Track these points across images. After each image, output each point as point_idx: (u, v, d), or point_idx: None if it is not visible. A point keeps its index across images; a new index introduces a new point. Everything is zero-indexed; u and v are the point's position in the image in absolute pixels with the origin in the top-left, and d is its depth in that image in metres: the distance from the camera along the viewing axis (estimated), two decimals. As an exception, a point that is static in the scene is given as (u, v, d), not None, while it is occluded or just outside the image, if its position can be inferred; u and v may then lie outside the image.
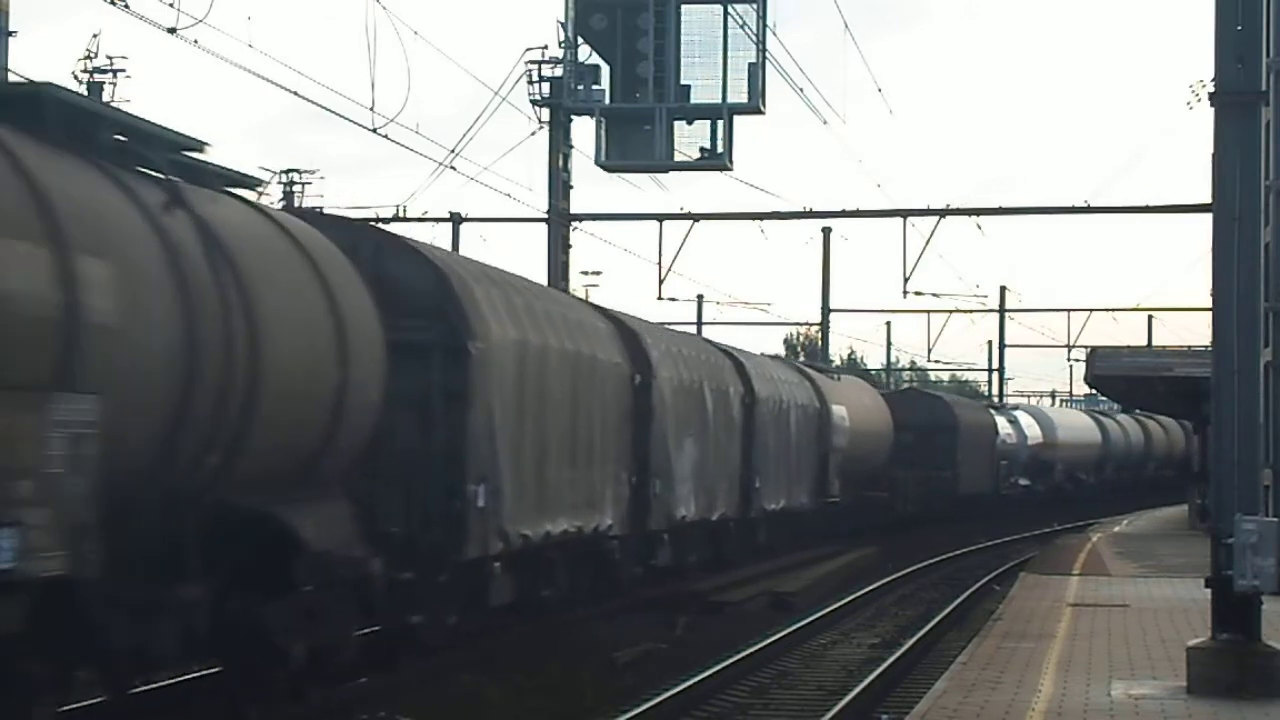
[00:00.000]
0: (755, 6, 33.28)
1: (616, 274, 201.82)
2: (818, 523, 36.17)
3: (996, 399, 75.98)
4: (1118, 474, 68.46)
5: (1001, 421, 55.72)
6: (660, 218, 38.67)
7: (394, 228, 39.46)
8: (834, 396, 37.84)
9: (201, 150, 12.99)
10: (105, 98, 44.46)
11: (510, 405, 18.06)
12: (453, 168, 33.18)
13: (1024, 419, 59.18)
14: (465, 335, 16.98)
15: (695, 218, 38.63)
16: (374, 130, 27.56)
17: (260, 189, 14.94)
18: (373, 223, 39.65)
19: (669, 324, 38.11)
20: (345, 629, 14.04)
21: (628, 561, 23.57)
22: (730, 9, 33.29)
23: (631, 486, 23.40)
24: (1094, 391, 63.43)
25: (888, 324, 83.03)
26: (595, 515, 21.40)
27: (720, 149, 33.55)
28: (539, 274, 34.33)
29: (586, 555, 21.70)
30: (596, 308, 25.48)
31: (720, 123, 33.61)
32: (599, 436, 21.61)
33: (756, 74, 33.36)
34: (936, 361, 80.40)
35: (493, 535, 17.61)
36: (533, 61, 35.17)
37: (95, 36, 44.81)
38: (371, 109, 27.50)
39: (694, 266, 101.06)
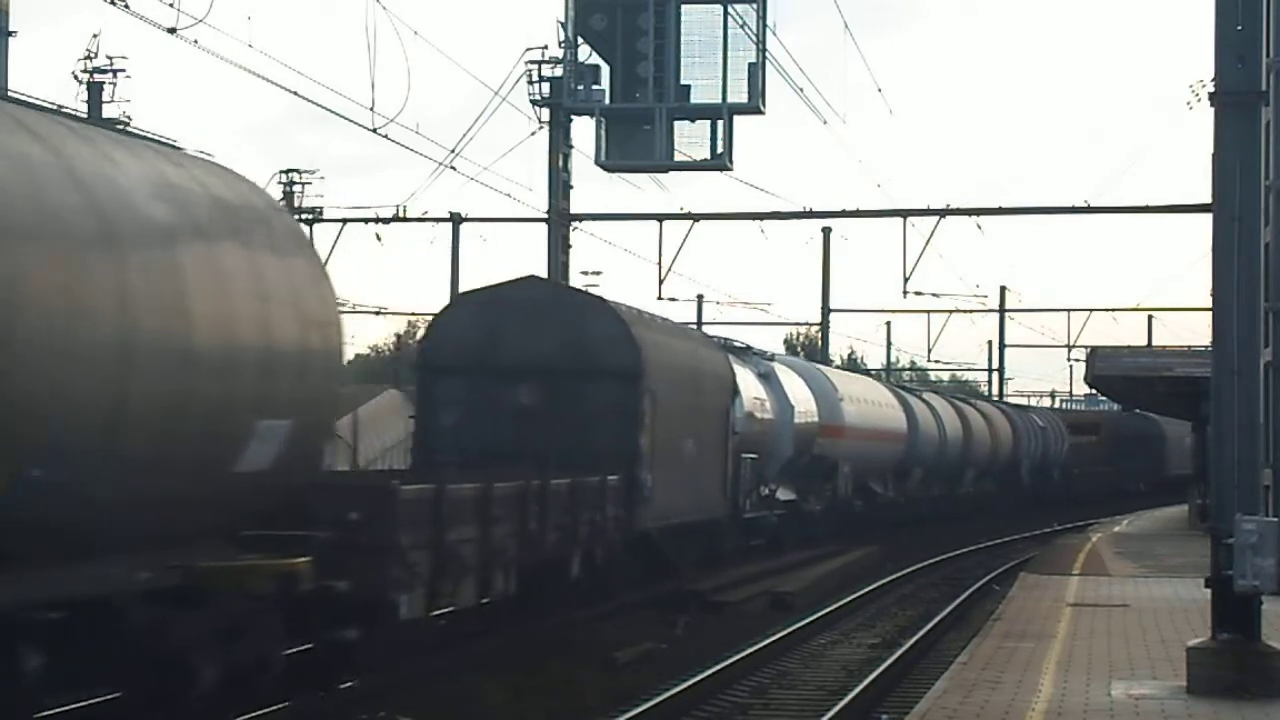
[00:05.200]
0: (755, 6, 33.28)
1: (616, 274, 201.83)
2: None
3: (997, 399, 75.87)
4: (925, 487, 47.97)
5: (748, 379, 31.47)
6: (660, 218, 38.71)
7: (394, 228, 39.72)
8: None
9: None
10: (105, 98, 44.55)
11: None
12: (453, 168, 33.27)
13: (789, 379, 34.83)
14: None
15: (695, 218, 38.67)
16: (374, 130, 27.65)
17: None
18: (373, 223, 39.78)
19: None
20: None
21: None
22: (730, 9, 33.29)
23: None
24: (1094, 391, 63.32)
25: (888, 324, 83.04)
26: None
27: (720, 149, 33.55)
28: (538, 274, 34.28)
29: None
30: None
31: (720, 123, 33.61)
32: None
33: (756, 74, 33.36)
34: (936, 361, 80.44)
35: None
36: (533, 61, 35.25)
37: (95, 36, 44.86)
38: (371, 109, 27.59)
39: (694, 266, 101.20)
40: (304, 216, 50.95)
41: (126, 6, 22.86)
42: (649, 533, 23.79)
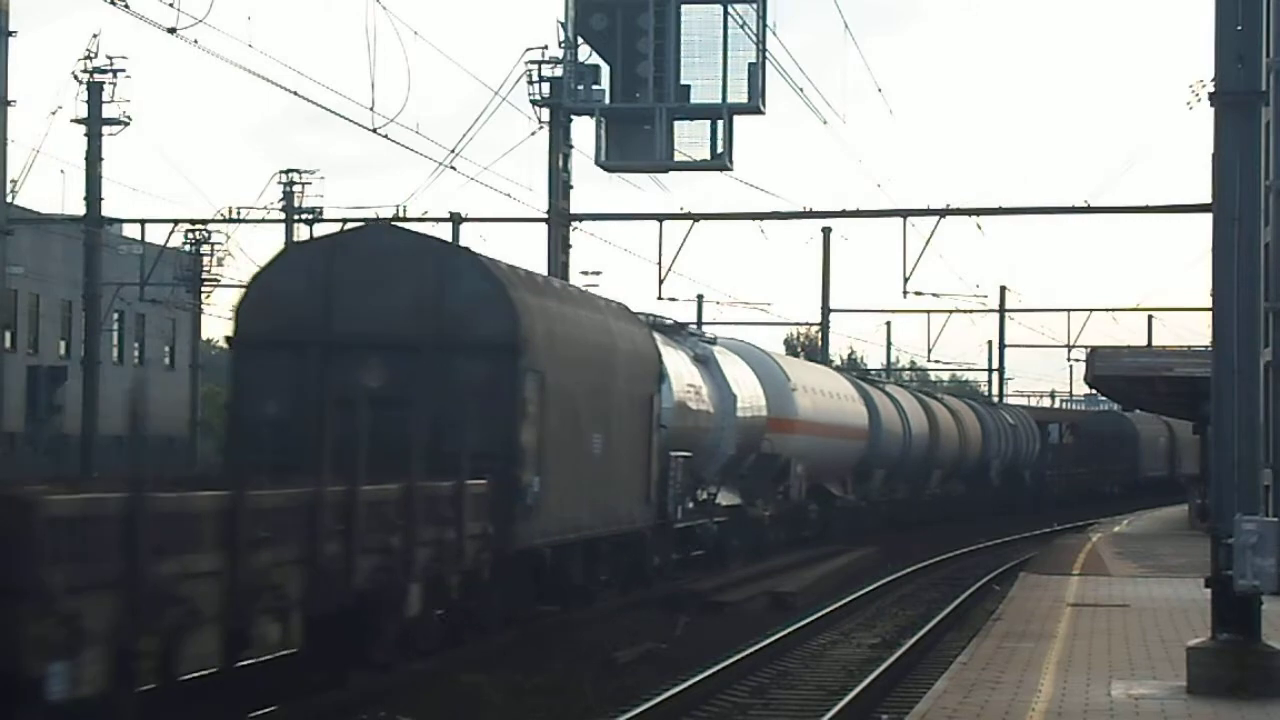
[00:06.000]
0: (755, 6, 33.27)
1: (616, 274, 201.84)
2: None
3: (996, 398, 75.85)
4: (888, 489, 44.60)
5: (679, 363, 27.78)
6: (660, 218, 38.70)
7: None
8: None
9: None
10: (105, 97, 44.59)
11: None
12: (453, 168, 33.25)
13: (731, 365, 31.14)
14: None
15: (695, 218, 38.66)
16: (374, 130, 27.62)
17: None
18: (374, 223, 39.79)
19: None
20: None
21: None
22: (730, 9, 33.28)
23: None
24: (1094, 391, 63.26)
25: (888, 324, 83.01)
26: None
27: (720, 149, 33.55)
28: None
29: None
30: None
31: (720, 123, 33.61)
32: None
33: (756, 74, 33.35)
34: (936, 361, 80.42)
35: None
36: (533, 61, 35.28)
37: (95, 36, 44.90)
38: (371, 109, 27.57)
39: (694, 266, 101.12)
40: (304, 217, 51.02)
41: (126, 6, 22.88)
42: (537, 551, 19.35)
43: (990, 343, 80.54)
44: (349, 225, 36.32)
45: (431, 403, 17.46)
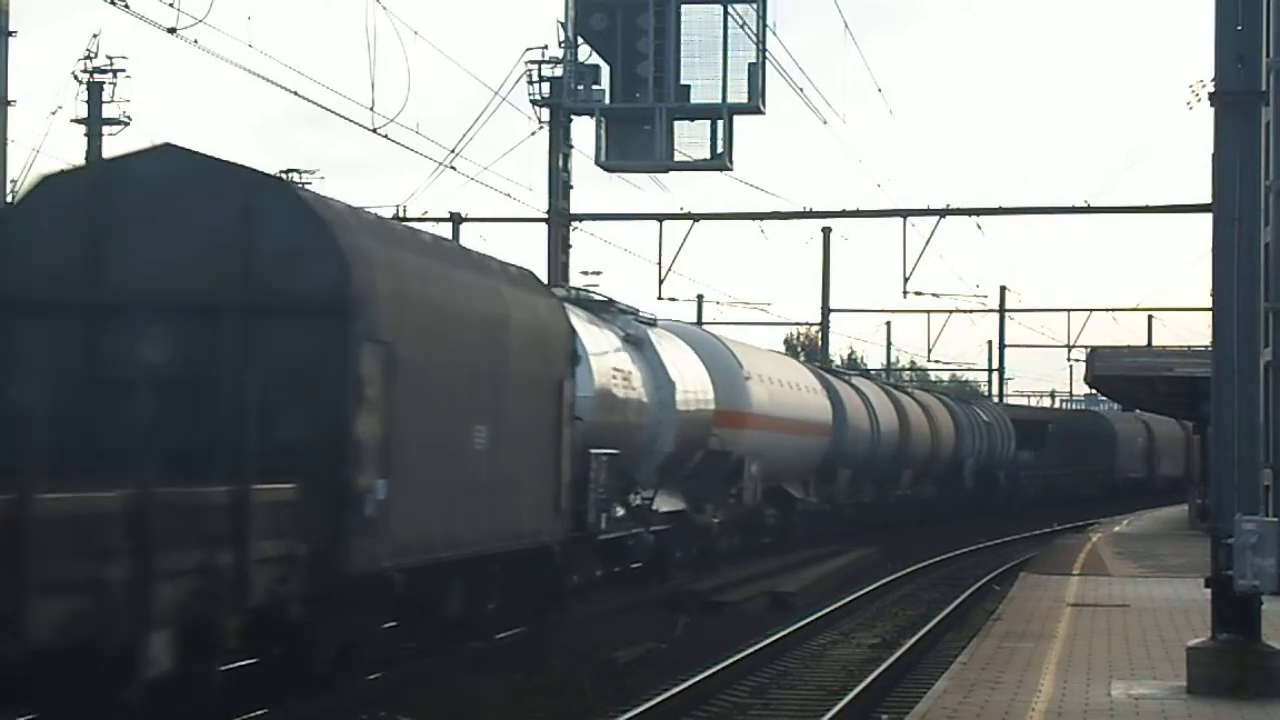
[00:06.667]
0: (755, 6, 33.30)
1: (616, 274, 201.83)
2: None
3: (997, 399, 75.80)
4: (855, 491, 40.85)
5: (602, 343, 23.65)
6: (660, 218, 38.73)
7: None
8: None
9: None
10: (105, 97, 44.57)
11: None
12: (453, 168, 33.22)
13: (671, 348, 26.97)
14: None
15: (695, 218, 38.69)
16: (374, 130, 27.59)
17: None
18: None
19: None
20: None
21: None
22: (730, 9, 33.31)
23: None
24: (1094, 391, 63.18)
25: (888, 324, 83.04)
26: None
27: (720, 149, 33.58)
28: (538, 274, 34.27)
29: None
30: None
31: (720, 123, 33.64)
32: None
33: (756, 74, 33.39)
34: (936, 361, 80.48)
35: None
36: (533, 61, 35.25)
37: (95, 36, 44.85)
38: (371, 109, 27.53)
39: (694, 266, 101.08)
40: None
41: (126, 6, 22.86)
42: (385, 577, 14.76)
43: (990, 343, 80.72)
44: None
45: (235, 382, 13.45)
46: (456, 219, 41.39)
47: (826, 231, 56.66)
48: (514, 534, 18.04)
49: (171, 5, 22.47)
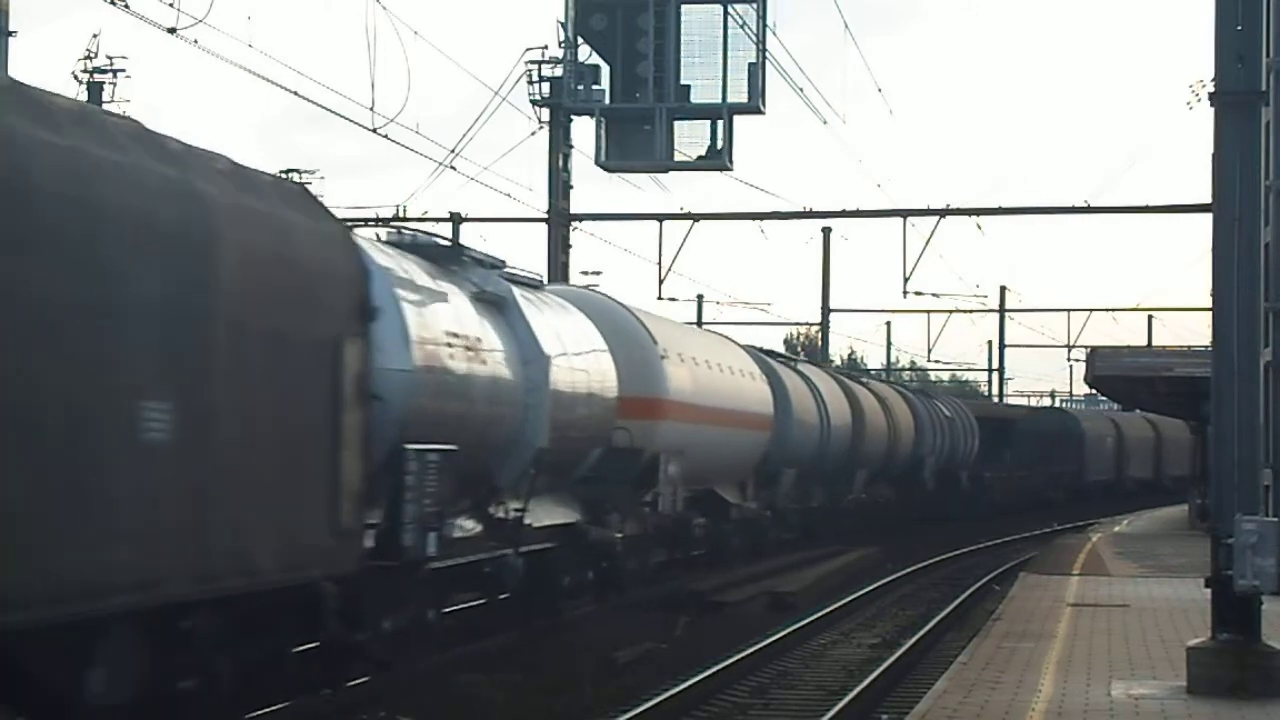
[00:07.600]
0: (755, 6, 33.32)
1: (616, 274, 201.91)
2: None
3: (997, 399, 75.71)
4: (801, 495, 35.05)
5: (429, 294, 16.81)
6: (660, 218, 38.74)
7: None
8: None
9: None
10: (105, 97, 44.58)
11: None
12: (453, 168, 33.23)
13: (552, 315, 20.49)
14: None
15: (695, 218, 38.70)
16: (374, 130, 27.61)
17: None
18: (373, 223, 39.82)
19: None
20: None
21: None
22: (730, 9, 33.33)
23: None
24: (1094, 391, 63.09)
25: (888, 324, 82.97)
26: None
27: (720, 149, 33.59)
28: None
29: None
30: None
31: (720, 123, 33.66)
32: None
33: (756, 74, 33.41)
34: (937, 362, 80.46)
35: None
36: (533, 62, 35.26)
37: (95, 36, 44.90)
38: (371, 109, 27.54)
39: (694, 266, 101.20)
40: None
41: (126, 6, 22.86)
42: None
43: (990, 343, 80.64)
44: (348, 224, 34.76)
45: None
46: (456, 219, 41.36)
47: (826, 231, 56.71)
48: (241, 570, 11.79)
49: (171, 5, 22.48)
